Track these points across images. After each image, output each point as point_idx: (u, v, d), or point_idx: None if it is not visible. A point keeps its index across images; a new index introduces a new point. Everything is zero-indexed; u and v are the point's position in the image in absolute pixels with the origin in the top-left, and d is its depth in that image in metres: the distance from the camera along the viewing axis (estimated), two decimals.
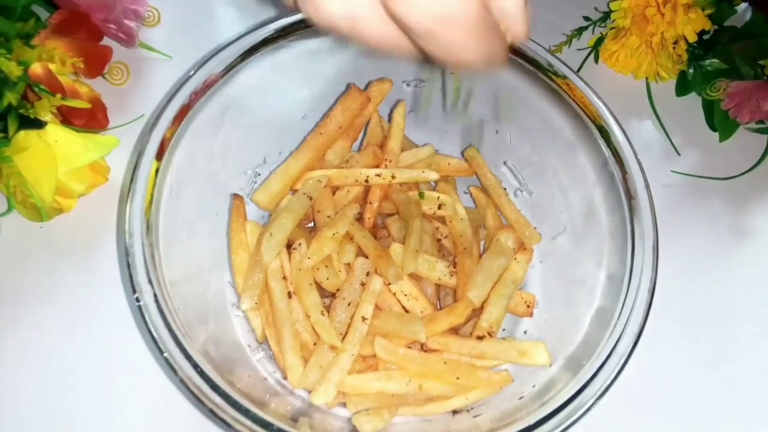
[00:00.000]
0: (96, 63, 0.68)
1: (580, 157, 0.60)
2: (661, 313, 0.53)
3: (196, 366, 0.47)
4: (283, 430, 0.47)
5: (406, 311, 0.59)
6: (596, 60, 0.78)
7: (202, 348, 0.49)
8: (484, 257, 0.61)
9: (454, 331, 0.60)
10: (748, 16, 0.77)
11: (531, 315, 0.62)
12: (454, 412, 0.56)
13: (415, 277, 0.60)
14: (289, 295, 0.57)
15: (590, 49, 0.78)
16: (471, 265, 0.60)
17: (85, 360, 0.60)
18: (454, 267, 0.61)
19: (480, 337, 0.58)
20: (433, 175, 0.64)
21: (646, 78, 0.77)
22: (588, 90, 0.58)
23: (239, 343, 0.59)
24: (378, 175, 0.63)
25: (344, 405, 0.56)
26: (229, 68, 0.56)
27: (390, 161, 0.64)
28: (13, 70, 0.58)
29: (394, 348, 0.55)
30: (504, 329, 0.62)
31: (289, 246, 0.59)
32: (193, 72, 0.55)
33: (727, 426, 0.63)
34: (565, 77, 0.58)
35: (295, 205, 0.60)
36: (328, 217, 0.61)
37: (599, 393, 0.49)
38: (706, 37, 0.73)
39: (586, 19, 0.78)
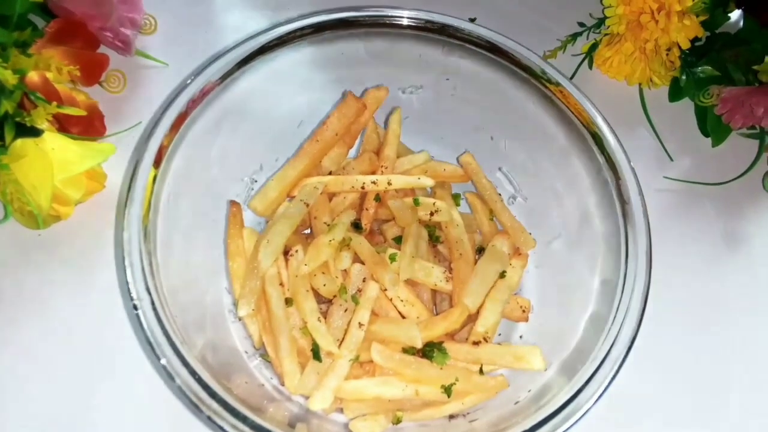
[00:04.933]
0: (93, 71, 0.68)
1: (574, 163, 0.60)
2: (654, 318, 0.54)
3: (193, 373, 0.47)
4: None
5: (403, 317, 0.59)
6: (590, 66, 0.78)
7: (200, 354, 0.50)
8: (480, 263, 0.61)
9: (450, 336, 0.60)
10: (741, 23, 0.78)
11: (526, 320, 0.62)
12: (451, 416, 0.57)
13: (411, 283, 0.60)
14: (287, 301, 0.57)
15: (584, 54, 0.79)
16: (467, 270, 0.61)
17: (82, 366, 0.60)
18: (450, 272, 0.61)
19: (476, 343, 0.58)
20: (428, 182, 0.64)
21: (640, 84, 0.77)
22: (581, 97, 0.58)
23: (236, 349, 0.59)
24: (374, 182, 0.63)
25: (341, 411, 0.56)
26: (226, 76, 0.57)
27: (386, 168, 0.65)
28: (10, 78, 0.58)
29: (390, 353, 0.56)
30: (500, 334, 0.62)
31: (286, 252, 0.59)
32: (190, 80, 0.55)
33: (720, 429, 0.63)
34: (558, 84, 0.59)
35: (291, 211, 0.60)
36: (325, 223, 0.61)
37: (594, 398, 0.49)
38: (698, 43, 0.74)
39: (581, 25, 0.78)
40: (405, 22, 0.60)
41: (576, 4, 0.80)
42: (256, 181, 0.66)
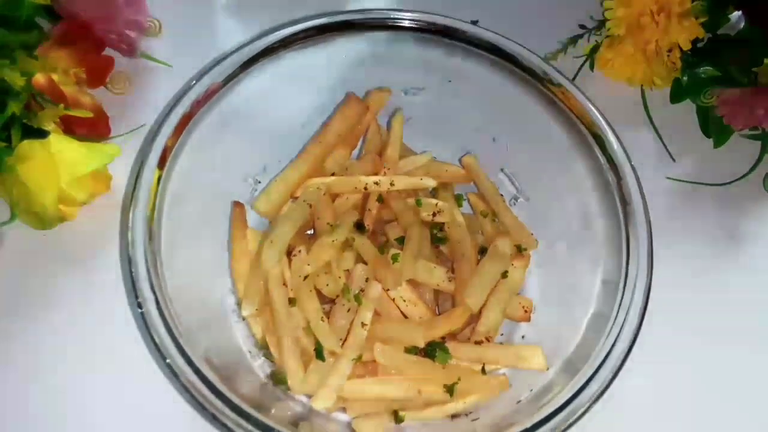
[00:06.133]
0: (98, 73, 0.69)
1: (576, 164, 0.61)
2: (656, 318, 0.54)
3: (198, 371, 0.47)
4: None
5: (405, 317, 0.60)
6: (591, 67, 0.79)
7: (204, 354, 0.50)
8: (482, 263, 0.61)
9: (453, 336, 0.60)
10: (741, 24, 0.78)
11: (528, 320, 0.62)
12: (453, 416, 0.57)
13: (413, 283, 0.61)
14: (290, 301, 0.58)
15: (586, 56, 0.79)
16: (469, 270, 0.61)
17: (87, 366, 0.60)
18: (453, 273, 0.62)
19: (478, 342, 0.58)
20: (431, 183, 0.65)
21: (641, 85, 0.77)
22: (583, 98, 0.59)
23: (240, 348, 0.59)
24: (376, 183, 0.63)
25: (344, 410, 0.57)
26: (230, 78, 0.57)
27: (388, 169, 0.65)
28: (17, 80, 0.59)
29: (393, 353, 0.56)
30: (502, 334, 0.63)
31: (289, 253, 0.60)
32: (194, 81, 0.56)
33: (722, 430, 0.63)
34: (560, 86, 0.59)
35: (295, 212, 0.61)
36: (328, 224, 0.62)
37: (595, 397, 0.49)
38: (700, 44, 0.74)
39: (582, 27, 0.79)
40: (407, 24, 0.61)
41: (577, 6, 0.80)
42: (259, 182, 0.66)
